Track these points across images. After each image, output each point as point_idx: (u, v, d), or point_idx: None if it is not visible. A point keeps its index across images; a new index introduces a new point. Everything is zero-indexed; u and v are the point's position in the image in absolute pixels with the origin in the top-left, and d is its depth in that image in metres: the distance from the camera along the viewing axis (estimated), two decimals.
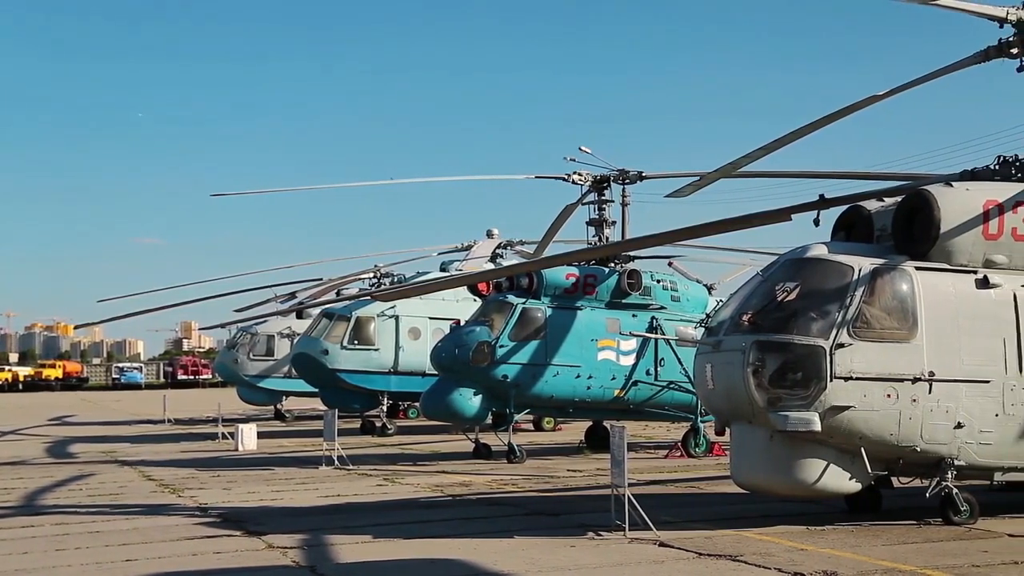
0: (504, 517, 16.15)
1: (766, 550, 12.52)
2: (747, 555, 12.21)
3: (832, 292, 13.99)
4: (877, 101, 16.35)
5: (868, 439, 13.73)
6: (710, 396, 14.89)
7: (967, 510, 14.07)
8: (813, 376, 13.58)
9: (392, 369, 35.13)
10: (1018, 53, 15.39)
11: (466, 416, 25.60)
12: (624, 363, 25.96)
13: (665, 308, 26.63)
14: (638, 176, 27.78)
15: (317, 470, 24.08)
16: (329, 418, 25.46)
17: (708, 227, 17.28)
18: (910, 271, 14.13)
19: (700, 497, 18.50)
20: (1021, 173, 15.41)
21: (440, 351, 25.92)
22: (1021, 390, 14.14)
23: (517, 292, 25.89)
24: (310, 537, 14.25)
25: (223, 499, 19.09)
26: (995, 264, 14.36)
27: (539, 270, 25.44)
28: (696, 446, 26.38)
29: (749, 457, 14.34)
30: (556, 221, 28.32)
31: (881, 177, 17.88)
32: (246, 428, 31.65)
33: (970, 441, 13.97)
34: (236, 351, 44.38)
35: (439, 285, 27.95)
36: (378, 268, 40.48)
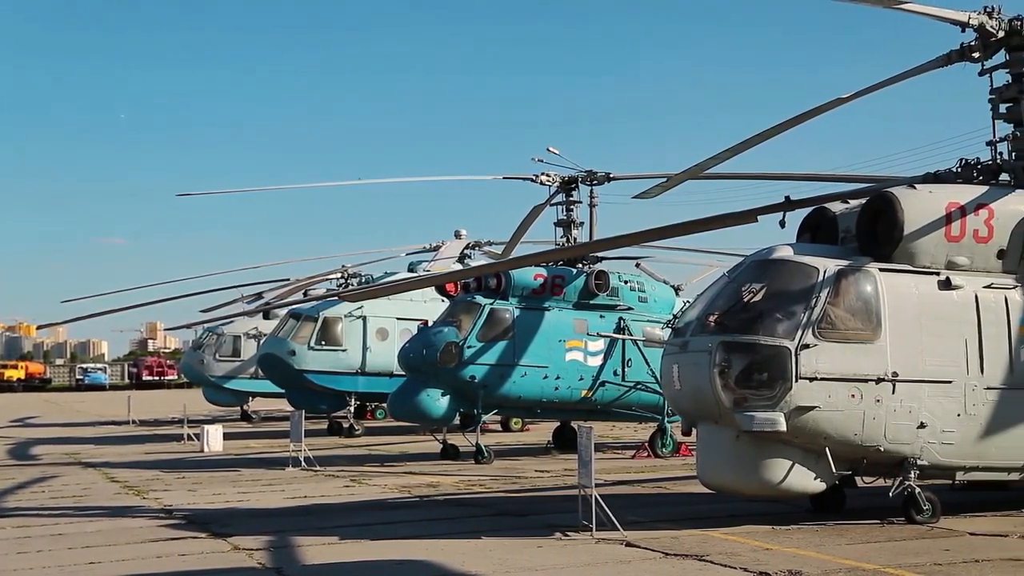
0: (472, 518, 16.14)
1: (732, 550, 12.60)
2: (713, 555, 12.28)
3: (797, 293, 14.10)
4: (842, 103, 16.51)
5: (833, 439, 13.84)
6: (677, 397, 14.96)
7: (929, 509, 14.22)
8: (778, 377, 13.67)
9: (359, 370, 35.04)
10: (980, 57, 15.62)
11: (434, 417, 25.57)
12: (592, 364, 26.05)
13: (632, 309, 26.74)
14: (606, 177, 27.88)
15: (284, 471, 23.96)
16: (296, 419, 25.33)
17: (675, 228, 17.36)
18: (874, 272, 14.27)
19: (667, 497, 18.58)
20: (983, 176, 15.63)
21: (408, 352, 25.88)
22: (982, 390, 14.31)
23: (485, 293, 25.90)
24: (276, 539, 14.18)
25: (188, 501, 18.95)
26: (957, 266, 14.53)
27: (507, 271, 25.46)
28: (663, 446, 26.50)
29: (715, 457, 14.42)
30: (524, 222, 28.37)
31: (846, 179, 18.04)
32: (212, 429, 31.42)
33: (932, 441, 14.12)
34: (202, 352, 44.11)
35: (407, 285, 27.92)
36: (345, 268, 40.37)
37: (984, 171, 15.66)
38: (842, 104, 16.51)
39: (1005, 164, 15.68)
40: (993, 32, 15.28)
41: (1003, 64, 15.65)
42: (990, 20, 15.21)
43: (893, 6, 14.74)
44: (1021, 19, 15.30)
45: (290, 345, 34.88)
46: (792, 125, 17.03)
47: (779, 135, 17.29)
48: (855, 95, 16.35)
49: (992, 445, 14.40)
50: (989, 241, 14.61)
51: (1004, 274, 14.73)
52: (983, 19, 15.21)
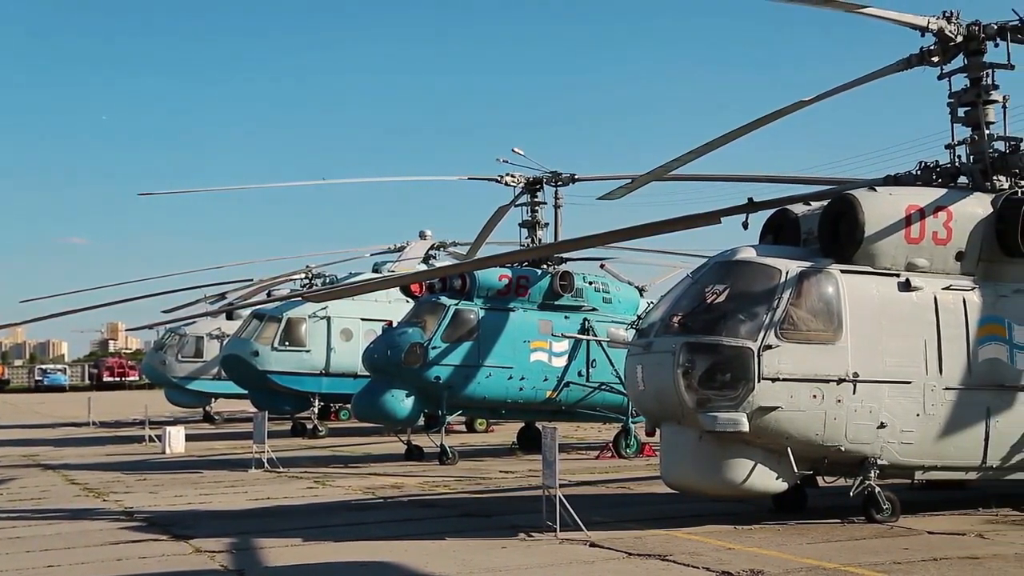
0: (436, 519, 16.12)
1: (695, 549, 12.67)
2: (676, 555, 12.34)
3: (760, 294, 14.20)
4: (804, 106, 16.67)
5: (794, 439, 13.95)
6: (641, 397, 15.02)
7: (889, 508, 14.36)
8: (741, 377, 13.76)
9: (324, 371, 34.91)
10: (938, 61, 15.83)
11: (398, 418, 25.51)
12: (556, 364, 26.11)
13: (597, 310, 26.83)
14: (570, 178, 27.95)
15: (247, 473, 23.81)
16: (259, 420, 25.18)
17: (639, 229, 17.43)
18: (835, 274, 14.39)
19: (631, 497, 18.65)
20: (941, 178, 15.82)
21: (372, 352, 25.81)
22: (941, 391, 14.47)
23: (450, 293, 25.89)
24: (239, 540, 14.09)
25: (150, 503, 18.78)
26: (917, 267, 14.69)
27: (472, 271, 25.46)
28: (627, 447, 26.59)
29: (678, 458, 14.49)
30: (489, 222, 28.37)
31: (808, 181, 18.19)
32: (174, 431, 31.16)
33: (892, 441, 14.26)
34: (164, 352, 43.75)
35: (372, 286, 27.81)
36: (310, 269, 40.22)
37: (943, 174, 15.87)
38: (804, 106, 16.67)
39: (963, 167, 15.89)
40: (952, 37, 15.48)
41: (961, 68, 15.86)
42: (949, 25, 15.41)
43: (854, 11, 14.89)
44: (979, 24, 15.52)
45: (253, 346, 34.68)
46: (755, 127, 17.18)
47: (742, 137, 17.44)
48: (817, 98, 16.52)
49: (950, 445, 14.58)
50: (948, 243, 14.79)
51: (962, 276, 14.92)
52: (942, 24, 15.41)
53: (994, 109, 15.83)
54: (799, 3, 15.36)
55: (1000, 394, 14.77)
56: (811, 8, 15.38)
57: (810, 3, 15.22)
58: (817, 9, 15.51)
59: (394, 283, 29.14)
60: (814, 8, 15.39)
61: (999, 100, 15.78)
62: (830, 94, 16.50)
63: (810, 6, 15.29)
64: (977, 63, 15.70)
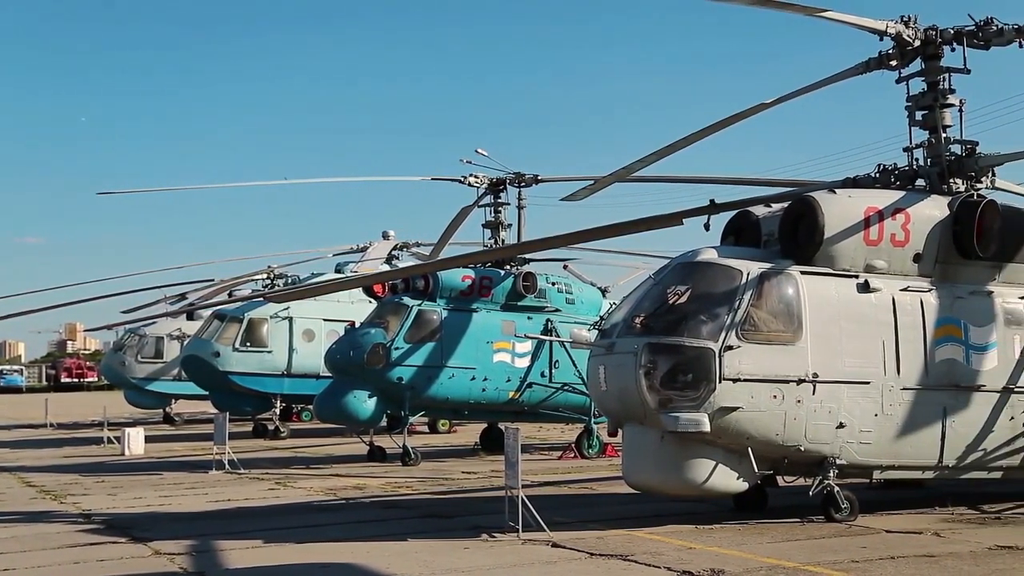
0: (398, 520, 16.09)
1: (656, 549, 12.72)
2: (638, 554, 12.39)
3: (721, 295, 14.27)
4: (765, 109, 16.82)
5: (755, 439, 14.04)
6: (603, 398, 15.06)
7: (847, 508, 14.50)
8: (703, 378, 13.82)
9: (285, 371, 34.76)
10: (897, 65, 16.03)
11: (360, 418, 25.44)
12: (519, 365, 26.15)
13: (560, 310, 26.90)
14: (534, 179, 28.03)
15: (207, 474, 23.63)
16: (220, 421, 25.00)
17: (602, 230, 17.49)
18: (795, 275, 14.50)
19: (593, 498, 18.70)
20: (900, 181, 16.02)
21: (334, 353, 25.71)
22: (899, 391, 14.63)
23: (413, 294, 25.86)
24: (199, 543, 13.97)
25: (108, 505, 18.58)
26: (875, 269, 14.84)
27: (435, 272, 25.45)
28: (589, 447, 26.67)
29: (640, 458, 14.54)
30: (452, 223, 28.35)
31: (769, 183, 18.35)
32: (133, 432, 30.88)
33: (851, 440, 14.40)
34: (123, 353, 43.37)
35: (334, 286, 27.72)
36: (271, 269, 40.02)
37: (901, 176, 16.06)
38: (765, 109, 16.82)
39: (921, 170, 16.08)
40: (909, 41, 15.67)
41: (919, 72, 16.06)
42: (907, 29, 15.60)
43: (814, 14, 15.03)
44: (936, 29, 15.73)
45: (214, 346, 34.46)
46: (717, 129, 17.31)
47: (704, 139, 17.56)
48: (777, 100, 16.66)
49: (908, 444, 14.74)
50: (906, 245, 14.95)
51: (920, 277, 15.10)
52: (900, 28, 15.59)
53: (951, 113, 16.05)
54: (762, 7, 15.46)
55: (956, 394, 14.96)
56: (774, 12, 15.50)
57: (773, 7, 15.33)
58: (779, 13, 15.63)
59: (357, 283, 29.05)
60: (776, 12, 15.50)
61: (955, 104, 16.00)
62: (790, 97, 16.65)
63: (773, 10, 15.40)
64: (934, 67, 15.91)
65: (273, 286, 38.38)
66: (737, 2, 15.63)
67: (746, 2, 15.49)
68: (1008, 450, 15.33)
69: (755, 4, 15.43)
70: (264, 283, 39.92)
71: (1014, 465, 15.50)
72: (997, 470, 15.51)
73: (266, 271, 40.18)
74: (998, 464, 15.39)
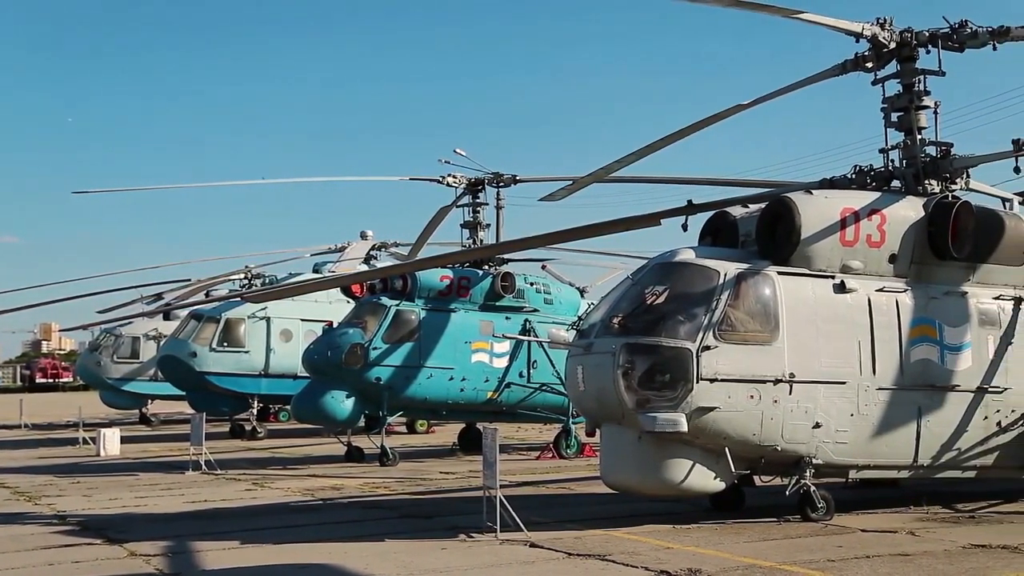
0: (375, 520, 16.05)
1: (634, 549, 12.75)
2: (615, 554, 12.41)
3: (699, 296, 14.32)
4: (742, 110, 16.88)
5: (732, 439, 14.10)
6: (581, 398, 15.08)
7: (824, 507, 14.58)
8: (680, 378, 13.86)
9: (263, 371, 34.66)
10: (873, 67, 16.13)
11: (338, 419, 25.38)
12: (497, 365, 26.17)
13: (538, 311, 26.92)
14: (512, 179, 28.03)
15: (183, 475, 23.52)
16: (196, 422, 24.91)
17: (580, 231, 17.51)
18: (772, 276, 14.56)
19: (571, 498, 18.72)
20: (876, 182, 16.12)
21: (312, 353, 25.64)
22: (874, 391, 14.71)
23: (391, 294, 25.83)
24: (175, 544, 13.90)
25: (83, 506, 18.45)
26: (851, 269, 14.92)
27: (413, 272, 25.42)
28: (567, 447, 26.71)
29: (618, 458, 14.57)
30: (430, 223, 28.34)
31: (746, 184, 18.42)
32: (109, 433, 30.72)
33: (827, 440, 14.47)
34: (99, 353, 43.13)
35: (312, 286, 27.65)
36: (249, 269, 39.88)
37: (877, 177, 16.15)
38: (743, 110, 16.88)
39: (896, 171, 16.19)
40: (885, 43, 15.77)
41: (894, 74, 16.17)
42: (882, 31, 15.70)
43: (791, 16, 15.11)
44: (911, 31, 15.84)
45: (191, 347, 34.33)
46: (695, 130, 17.36)
47: (682, 139, 17.61)
48: (755, 101, 16.73)
49: (883, 444, 14.83)
50: (881, 246, 15.04)
51: (895, 278, 15.19)
52: (876, 30, 15.69)
53: (926, 114, 16.16)
54: (739, 8, 15.53)
55: (931, 394, 15.06)
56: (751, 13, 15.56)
57: (749, 8, 15.40)
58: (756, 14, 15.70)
59: (335, 284, 28.97)
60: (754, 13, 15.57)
61: (931, 106, 16.11)
62: (768, 98, 16.73)
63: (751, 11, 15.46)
64: (910, 69, 16.02)
65: (250, 286, 38.24)
66: (714, 3, 15.69)
67: (723, 3, 15.55)
68: (981, 449, 15.46)
69: (732, 5, 15.48)
70: (241, 283, 39.78)
71: (987, 464, 15.64)
72: (971, 469, 15.63)
73: (243, 271, 40.04)
74: (972, 463, 15.51)
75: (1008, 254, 15.76)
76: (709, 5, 15.82)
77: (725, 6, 15.74)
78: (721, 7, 15.93)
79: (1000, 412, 15.48)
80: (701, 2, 15.68)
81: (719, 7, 15.96)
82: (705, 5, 15.88)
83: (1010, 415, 15.54)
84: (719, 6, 15.85)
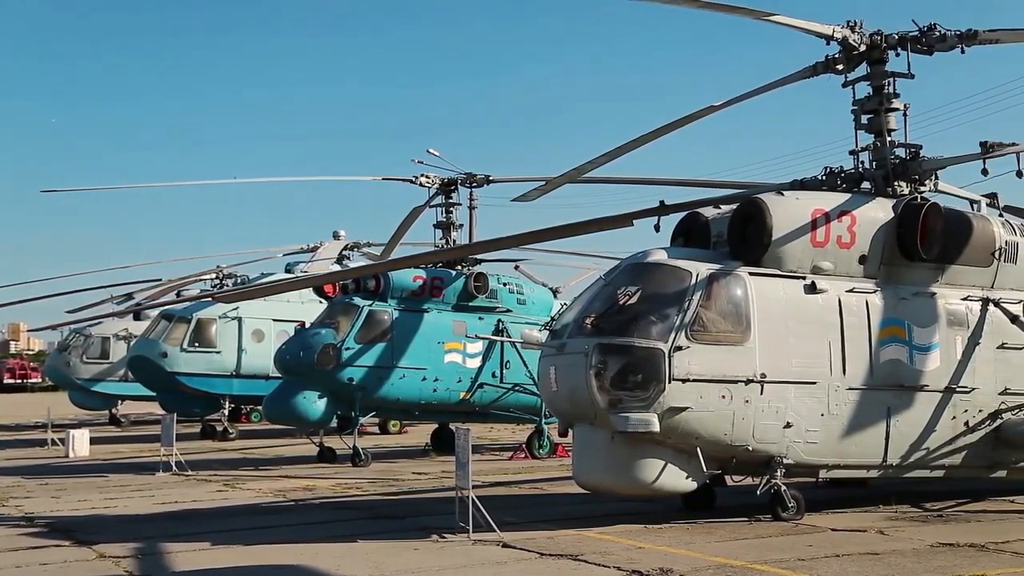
0: (347, 521, 16.01)
1: (606, 549, 12.78)
2: (587, 554, 12.44)
3: (671, 296, 14.36)
4: (714, 111, 16.98)
5: (704, 439, 14.15)
6: (554, 398, 15.09)
7: (794, 507, 14.66)
8: (652, 378, 13.90)
9: (234, 372, 34.48)
10: (843, 69, 16.26)
11: (310, 419, 25.29)
12: (470, 366, 26.15)
13: (511, 311, 26.93)
14: (485, 179, 28.04)
15: (154, 476, 23.35)
16: (167, 422, 24.74)
17: (553, 231, 17.55)
18: (744, 276, 14.63)
19: (543, 498, 18.74)
20: (846, 183, 16.24)
21: (284, 353, 25.54)
22: (844, 391, 14.81)
23: (363, 294, 25.76)
24: (145, 545, 13.80)
25: (51, 507, 18.29)
26: (822, 270, 15.02)
27: (386, 272, 25.37)
28: (540, 447, 26.74)
29: (590, 458, 14.60)
30: (403, 223, 28.31)
31: (718, 185, 18.52)
32: (78, 434, 30.46)
33: (798, 440, 14.56)
34: (68, 353, 42.73)
35: (284, 286, 27.54)
36: (220, 269, 39.66)
37: (847, 179, 16.28)
38: (714, 111, 16.98)
39: (866, 172, 16.32)
40: (855, 46, 15.90)
41: (864, 76, 16.30)
42: (852, 34, 15.83)
43: (763, 18, 15.20)
44: (881, 34, 15.98)
45: (162, 347, 34.10)
46: (667, 131, 17.45)
47: (654, 141, 17.68)
48: (726, 103, 16.82)
49: (853, 443, 14.94)
50: (852, 247, 15.15)
51: (865, 279, 15.30)
52: (846, 33, 15.81)
53: (895, 117, 16.30)
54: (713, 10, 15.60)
55: (900, 394, 15.19)
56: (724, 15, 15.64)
57: (722, 11, 15.47)
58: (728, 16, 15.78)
59: (307, 284, 28.87)
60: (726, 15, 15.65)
61: (900, 108, 16.26)
62: (739, 99, 16.83)
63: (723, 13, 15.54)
64: (879, 72, 16.16)
65: (222, 286, 38.03)
66: (688, 5, 15.75)
67: (696, 5, 15.62)
68: (949, 449, 15.60)
69: (705, 7, 15.55)
70: (213, 283, 39.54)
71: (955, 464, 15.79)
72: (939, 468, 15.77)
73: (215, 271, 39.81)
74: (940, 463, 15.65)
75: (976, 255, 15.93)
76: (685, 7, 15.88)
77: (699, 8, 15.82)
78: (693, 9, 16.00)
79: (968, 412, 15.63)
80: (675, 4, 15.75)
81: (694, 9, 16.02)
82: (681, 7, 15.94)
83: (977, 415, 15.70)
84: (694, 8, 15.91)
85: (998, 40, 15.46)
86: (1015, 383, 15.99)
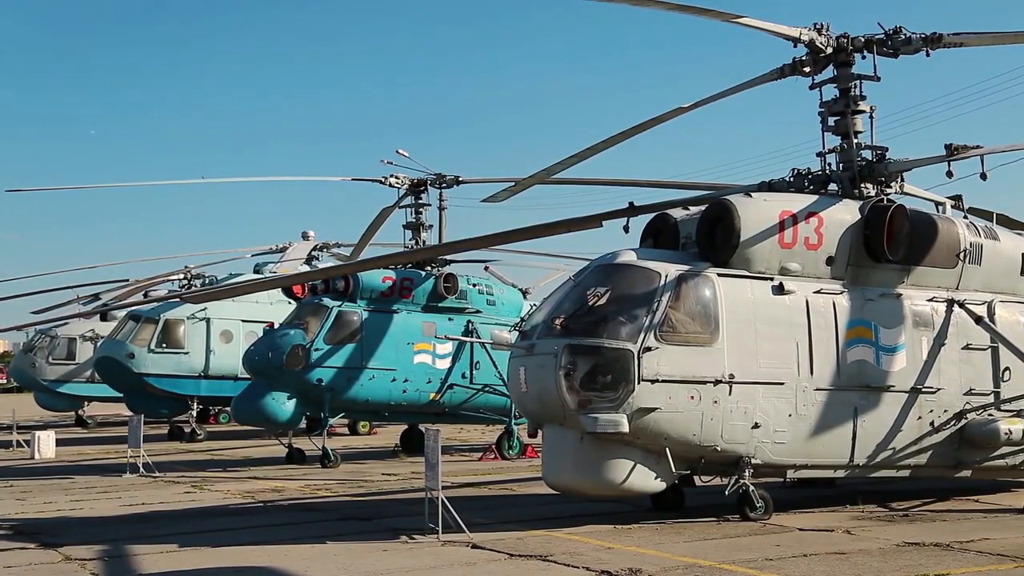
0: (316, 523, 15.94)
1: (575, 549, 12.81)
2: (557, 555, 12.46)
3: (640, 297, 14.40)
4: (683, 112, 17.05)
5: (673, 439, 14.20)
6: (523, 399, 15.09)
7: (762, 506, 14.75)
8: (621, 379, 13.93)
9: (202, 373, 34.24)
10: (810, 72, 16.39)
11: (279, 421, 25.17)
12: (440, 366, 26.13)
13: (481, 312, 26.94)
14: (455, 180, 28.05)
15: (120, 478, 23.15)
16: (134, 424, 24.56)
17: (523, 232, 17.57)
18: (712, 277, 14.70)
19: (513, 499, 18.75)
20: (813, 185, 16.36)
21: (253, 354, 25.41)
22: (812, 391, 14.92)
23: (333, 295, 25.68)
24: (111, 548, 13.68)
25: (16, 510, 18.09)
26: (790, 271, 15.12)
27: (355, 273, 25.30)
28: (510, 448, 26.75)
29: (560, 459, 14.62)
30: (373, 224, 28.25)
31: (687, 186, 18.61)
32: (43, 435, 30.15)
33: (765, 440, 14.65)
34: (34, 354, 42.30)
35: (253, 287, 27.41)
36: (188, 269, 39.41)
37: (814, 181, 16.40)
38: (683, 113, 17.05)
39: (833, 174, 16.46)
40: (822, 48, 16.02)
41: (831, 79, 16.44)
42: (819, 37, 15.96)
43: (731, 20, 15.28)
44: (848, 37, 16.11)
45: (129, 348, 33.80)
46: (636, 132, 17.52)
47: (623, 142, 17.74)
48: (695, 105, 16.90)
49: (820, 444, 15.05)
50: (819, 248, 15.27)
51: (832, 280, 15.42)
52: (813, 35, 15.94)
53: (862, 119, 16.45)
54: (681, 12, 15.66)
55: (867, 394, 15.32)
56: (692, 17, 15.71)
57: (690, 12, 15.54)
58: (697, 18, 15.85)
59: (276, 284, 28.72)
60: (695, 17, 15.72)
61: (867, 110, 16.40)
62: (707, 101, 16.91)
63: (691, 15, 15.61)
64: (846, 74, 16.29)
65: (190, 286, 37.80)
66: (656, 6, 15.80)
67: (665, 7, 15.68)
68: (915, 449, 15.75)
69: (673, 9, 15.62)
70: (181, 283, 39.30)
71: (921, 464, 15.94)
72: (905, 468, 15.92)
73: (183, 271, 39.54)
74: (906, 462, 15.79)
75: (941, 257, 16.10)
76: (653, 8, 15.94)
77: (668, 10, 15.88)
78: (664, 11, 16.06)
79: (933, 412, 15.79)
80: (644, 5, 15.80)
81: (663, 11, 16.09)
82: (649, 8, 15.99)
83: (943, 415, 15.86)
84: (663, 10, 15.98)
85: (963, 43, 15.64)
86: (979, 384, 16.18)
